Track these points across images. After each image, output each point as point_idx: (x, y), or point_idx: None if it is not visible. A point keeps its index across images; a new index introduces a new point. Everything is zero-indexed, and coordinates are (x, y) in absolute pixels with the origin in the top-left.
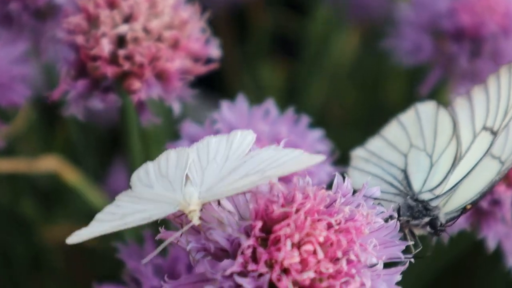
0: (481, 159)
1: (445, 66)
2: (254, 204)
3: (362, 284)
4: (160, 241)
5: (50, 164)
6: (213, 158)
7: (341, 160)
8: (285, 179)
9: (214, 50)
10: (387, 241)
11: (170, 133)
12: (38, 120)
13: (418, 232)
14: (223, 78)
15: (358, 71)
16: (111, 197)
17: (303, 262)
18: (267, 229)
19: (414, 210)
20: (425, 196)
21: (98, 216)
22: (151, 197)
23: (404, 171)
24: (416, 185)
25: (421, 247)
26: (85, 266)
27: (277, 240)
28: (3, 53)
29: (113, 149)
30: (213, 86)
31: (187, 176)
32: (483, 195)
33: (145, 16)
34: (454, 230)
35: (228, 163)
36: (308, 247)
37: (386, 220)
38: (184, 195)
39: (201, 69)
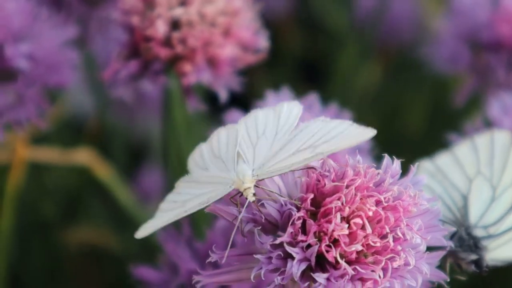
0: None
1: (481, 77)
2: (306, 177)
3: (407, 262)
4: (195, 223)
5: (83, 157)
6: (262, 133)
7: None
8: (334, 157)
9: (263, 41)
10: (431, 225)
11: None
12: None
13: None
14: (246, 98)
15: (380, 100)
16: (140, 196)
17: (352, 235)
18: (316, 203)
19: (464, 243)
20: (479, 232)
21: (162, 206)
22: (208, 179)
23: (465, 198)
24: (473, 217)
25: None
26: (101, 270)
27: (327, 213)
28: (53, 35)
29: (145, 151)
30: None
31: (238, 153)
32: None
33: (200, 1)
34: None
35: (277, 137)
36: (357, 221)
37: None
38: (237, 174)
39: (251, 58)
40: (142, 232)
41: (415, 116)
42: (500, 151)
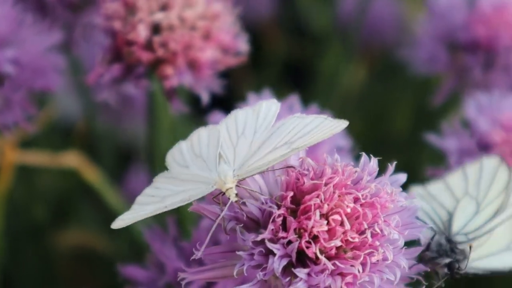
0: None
1: (459, 77)
2: (285, 176)
3: (385, 257)
4: (181, 223)
5: (71, 160)
6: (241, 133)
7: None
8: (313, 156)
9: (243, 44)
10: (408, 222)
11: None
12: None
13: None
14: (230, 101)
15: (365, 101)
16: (128, 199)
17: (331, 231)
18: (296, 201)
19: (441, 248)
20: (458, 238)
21: (139, 199)
22: (188, 177)
23: (451, 214)
24: (456, 227)
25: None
26: (92, 272)
27: (307, 210)
28: (38, 40)
29: (132, 154)
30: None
31: (220, 154)
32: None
33: (180, 6)
34: None
35: (256, 136)
36: (336, 217)
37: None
38: (219, 174)
39: (231, 61)
40: (119, 223)
41: (399, 117)
42: (487, 172)
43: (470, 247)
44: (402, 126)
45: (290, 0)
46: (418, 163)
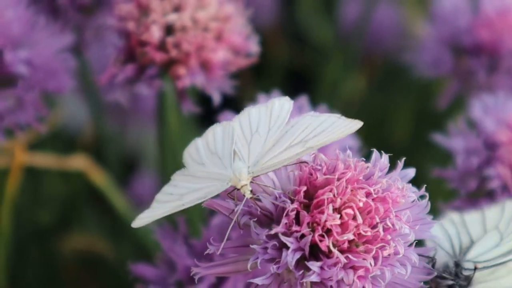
0: None
1: (463, 81)
2: (298, 171)
3: (396, 251)
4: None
5: (79, 163)
6: (255, 130)
7: None
8: (325, 153)
9: (254, 46)
10: (419, 218)
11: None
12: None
13: None
14: (236, 103)
15: (366, 108)
16: (134, 202)
17: (344, 225)
18: (309, 196)
19: (447, 269)
20: (467, 265)
21: (158, 197)
22: (204, 175)
23: (473, 242)
24: (471, 255)
25: None
26: (96, 276)
27: (320, 205)
28: (50, 42)
29: (137, 160)
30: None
31: (234, 151)
32: None
33: (192, 7)
34: None
35: (270, 133)
36: (349, 211)
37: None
38: (234, 171)
39: (242, 62)
40: (138, 222)
41: (401, 123)
42: None
43: (475, 268)
44: (404, 131)
45: (292, 9)
46: (421, 167)
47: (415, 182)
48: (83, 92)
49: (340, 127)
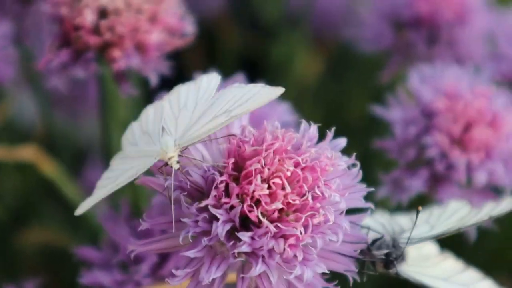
0: None
1: (404, 54)
2: (227, 144)
3: (326, 219)
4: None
5: (28, 154)
6: (183, 106)
7: None
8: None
9: (189, 26)
10: (349, 185)
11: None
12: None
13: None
14: None
15: (322, 92)
16: (87, 192)
17: (272, 195)
18: (238, 168)
19: (384, 243)
20: (402, 240)
21: (98, 183)
22: (136, 154)
23: (404, 230)
24: (404, 236)
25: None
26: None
27: (248, 176)
28: None
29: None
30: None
31: (163, 128)
32: None
33: None
34: (412, 192)
35: (197, 108)
36: (277, 181)
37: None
38: (161, 145)
39: (178, 42)
40: (80, 210)
41: (358, 102)
42: (451, 208)
43: (418, 211)
44: (360, 111)
45: None
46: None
47: (373, 161)
48: (29, 84)
49: (262, 95)
